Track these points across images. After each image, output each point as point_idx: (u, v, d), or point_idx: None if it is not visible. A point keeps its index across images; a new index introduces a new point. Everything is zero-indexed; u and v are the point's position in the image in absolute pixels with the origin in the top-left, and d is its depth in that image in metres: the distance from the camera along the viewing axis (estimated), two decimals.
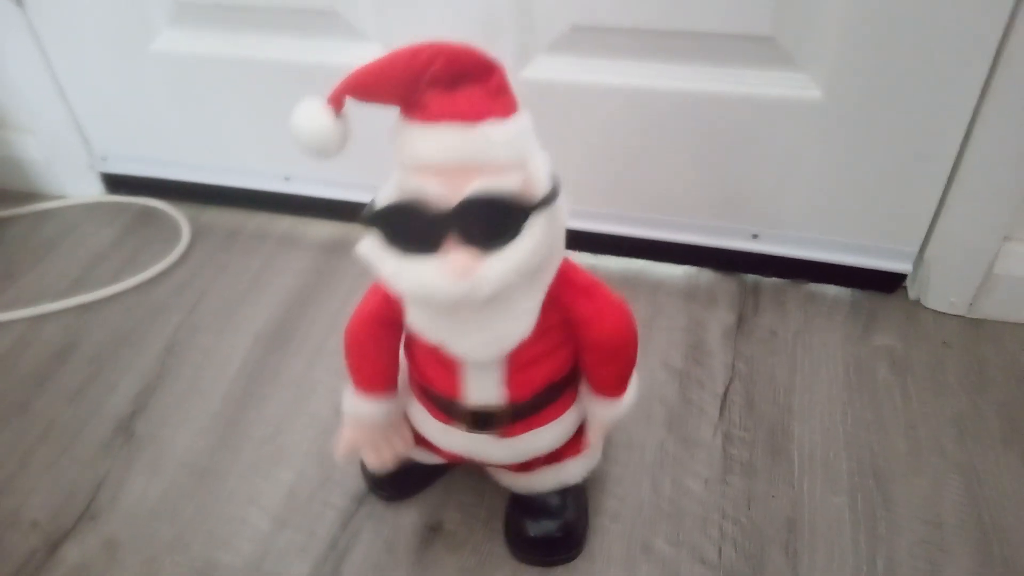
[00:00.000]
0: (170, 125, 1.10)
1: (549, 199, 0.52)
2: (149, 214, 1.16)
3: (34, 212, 1.18)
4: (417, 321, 0.57)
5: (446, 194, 0.49)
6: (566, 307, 0.58)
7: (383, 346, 0.63)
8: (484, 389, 0.60)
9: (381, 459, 0.68)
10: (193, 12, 0.99)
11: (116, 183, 1.20)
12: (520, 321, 0.55)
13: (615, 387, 0.64)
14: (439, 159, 0.49)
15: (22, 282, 1.05)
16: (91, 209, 1.19)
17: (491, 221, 0.50)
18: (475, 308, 0.53)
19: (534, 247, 0.51)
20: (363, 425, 0.67)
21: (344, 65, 0.53)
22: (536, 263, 0.52)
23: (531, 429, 0.63)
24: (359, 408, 0.66)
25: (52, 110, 1.12)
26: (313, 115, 0.51)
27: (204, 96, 1.05)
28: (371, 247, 0.53)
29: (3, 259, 1.09)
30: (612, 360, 0.62)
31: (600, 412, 0.65)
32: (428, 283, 0.51)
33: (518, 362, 0.59)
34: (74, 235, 1.13)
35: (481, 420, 0.62)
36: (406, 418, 0.70)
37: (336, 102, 0.51)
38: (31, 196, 1.21)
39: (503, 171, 0.50)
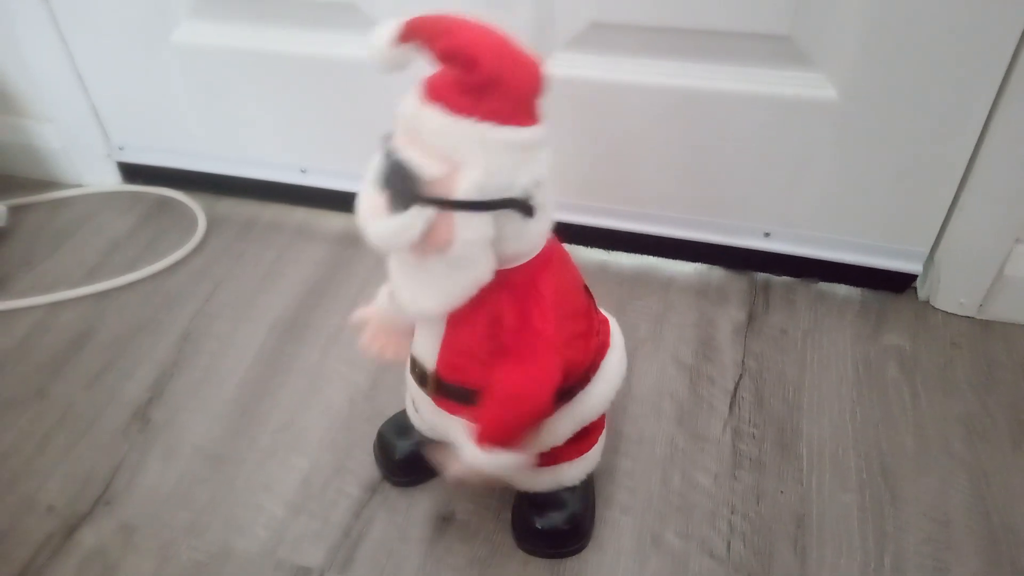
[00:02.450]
0: (187, 116, 1.11)
1: (450, 204, 0.53)
2: (165, 204, 1.17)
3: (52, 200, 1.19)
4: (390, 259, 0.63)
5: (398, 148, 0.54)
6: (508, 330, 0.59)
7: None
8: (424, 348, 0.64)
9: (368, 345, 0.72)
10: (213, 4, 1.00)
11: (133, 173, 1.21)
12: (431, 299, 0.58)
13: (481, 429, 0.60)
14: (400, 115, 0.55)
15: (40, 269, 1.06)
16: (108, 198, 1.20)
17: (395, 186, 0.54)
18: (410, 265, 0.58)
19: (404, 227, 0.54)
20: (378, 309, 0.71)
21: (363, 59, 0.54)
22: (401, 243, 0.54)
23: (456, 414, 0.65)
24: (380, 295, 0.70)
25: (71, 99, 1.13)
26: (379, 31, 0.55)
27: (222, 88, 1.06)
28: (374, 166, 0.57)
29: (21, 246, 1.10)
30: (493, 404, 0.60)
31: (478, 459, 0.60)
32: (358, 208, 0.56)
33: (451, 343, 0.62)
34: (91, 223, 1.14)
35: (419, 373, 0.66)
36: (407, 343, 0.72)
37: (402, 30, 0.54)
38: (49, 184, 1.22)
39: (428, 155, 0.53)
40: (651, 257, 1.03)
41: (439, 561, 0.71)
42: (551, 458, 0.68)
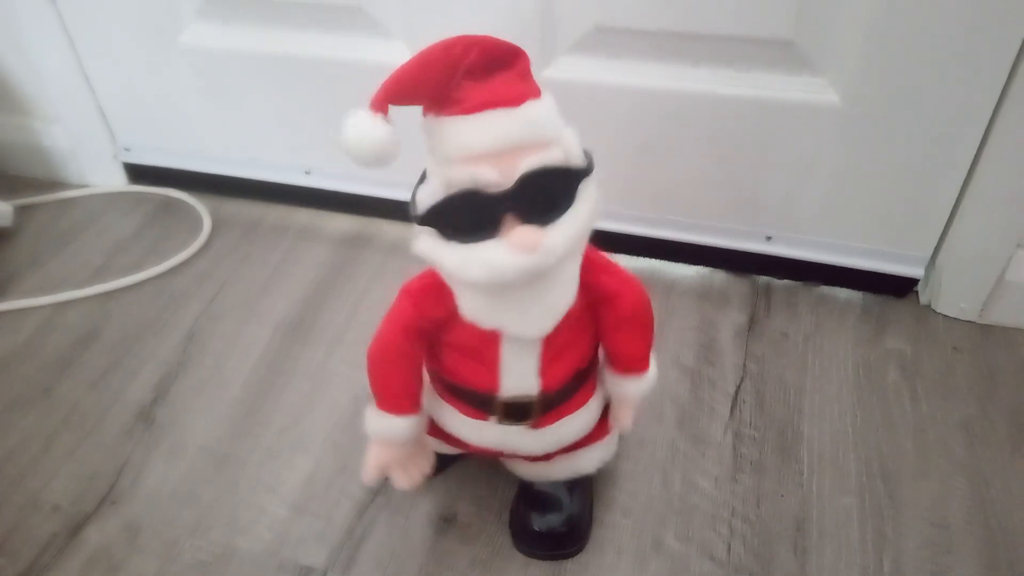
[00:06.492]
0: (194, 117, 1.12)
1: (592, 165, 0.55)
2: (171, 204, 1.18)
3: (58, 200, 1.20)
4: (472, 310, 0.58)
5: (499, 177, 0.51)
6: (591, 286, 0.60)
7: (412, 363, 0.64)
8: (520, 380, 0.62)
9: (411, 479, 0.69)
10: (221, 6, 1.00)
11: (139, 173, 1.22)
12: (567, 290, 0.57)
13: (643, 359, 0.67)
14: (490, 145, 0.51)
15: (46, 269, 1.07)
16: (114, 198, 1.20)
17: (549, 193, 0.53)
18: (529, 285, 0.55)
19: (591, 211, 0.55)
20: (392, 444, 0.66)
21: (369, 61, 0.54)
22: (591, 227, 0.55)
23: (560, 418, 0.64)
24: (388, 427, 0.65)
25: (78, 100, 1.14)
26: (367, 127, 0.51)
27: (228, 89, 1.07)
28: (429, 244, 0.54)
29: (27, 246, 1.11)
30: (641, 331, 0.65)
31: (631, 389, 0.67)
32: (498, 264, 0.52)
33: (552, 350, 0.61)
34: (97, 224, 1.15)
35: (516, 412, 0.63)
36: (426, 433, 0.71)
37: (382, 109, 0.51)
38: (55, 184, 1.22)
39: (547, 146, 0.52)
40: (653, 260, 1.03)
41: (441, 562, 0.72)
42: (570, 445, 0.69)
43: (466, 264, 0.53)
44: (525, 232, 0.52)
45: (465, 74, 0.51)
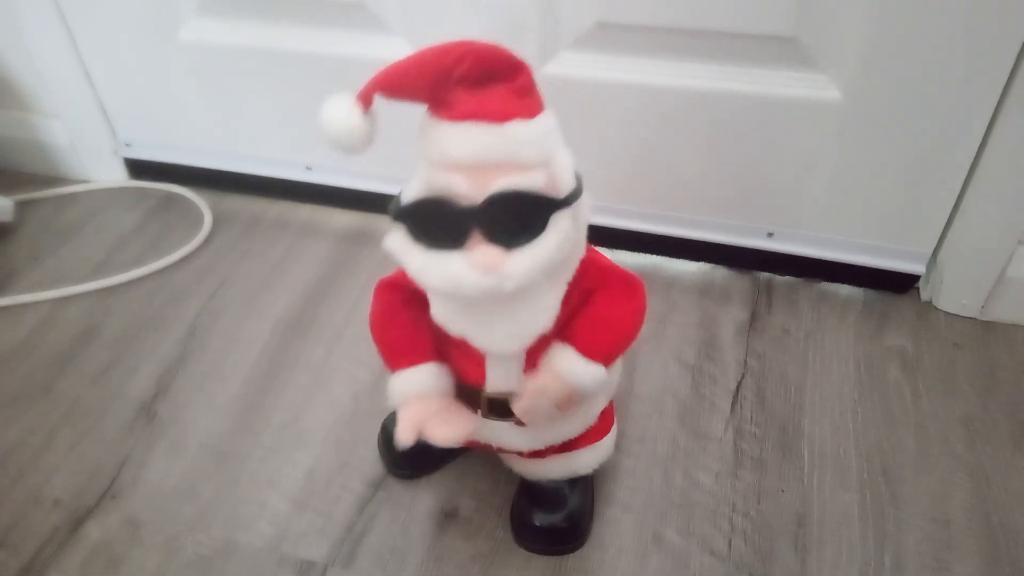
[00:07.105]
0: (194, 113, 1.12)
1: (573, 197, 0.53)
2: (171, 200, 1.18)
3: (58, 196, 1.19)
4: (440, 314, 0.58)
5: (472, 191, 0.50)
6: (586, 291, 0.60)
7: (409, 316, 0.62)
8: (505, 377, 0.61)
9: (453, 431, 0.60)
10: (221, 2, 1.00)
11: (139, 169, 1.22)
12: (542, 315, 0.56)
13: (592, 345, 0.59)
14: (465, 157, 0.51)
15: (46, 264, 1.07)
16: (114, 194, 1.20)
17: (516, 218, 0.51)
18: (498, 302, 0.54)
19: (558, 243, 0.52)
20: (419, 400, 0.61)
21: (369, 58, 0.54)
22: (560, 259, 0.54)
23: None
24: (406, 382, 0.62)
25: (78, 96, 1.14)
26: (342, 112, 0.51)
27: (229, 85, 1.06)
28: (397, 241, 0.54)
29: (28, 241, 1.11)
30: (610, 335, 0.61)
31: (562, 362, 0.59)
32: (454, 278, 0.52)
33: (537, 355, 0.60)
34: (98, 219, 1.15)
35: (500, 408, 0.63)
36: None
37: (365, 99, 0.52)
38: (56, 180, 1.22)
39: (528, 169, 0.51)
40: (654, 256, 1.03)
41: (441, 557, 0.72)
42: (567, 445, 0.69)
43: (426, 269, 0.53)
44: (486, 252, 0.51)
45: (458, 81, 0.51)
